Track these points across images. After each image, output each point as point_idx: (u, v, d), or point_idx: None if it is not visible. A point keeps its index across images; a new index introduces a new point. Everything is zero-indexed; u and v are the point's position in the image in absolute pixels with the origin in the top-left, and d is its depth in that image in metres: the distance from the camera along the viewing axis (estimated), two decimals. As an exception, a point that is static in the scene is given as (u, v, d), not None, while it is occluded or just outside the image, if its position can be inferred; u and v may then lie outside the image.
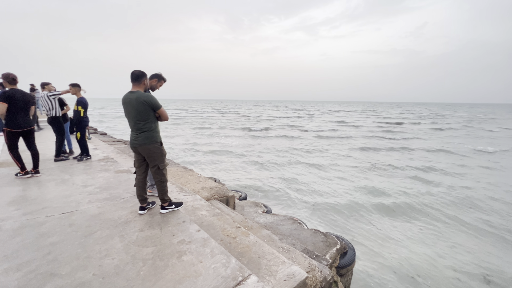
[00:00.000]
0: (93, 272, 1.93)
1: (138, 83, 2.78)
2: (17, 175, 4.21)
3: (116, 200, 3.32)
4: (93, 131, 11.60)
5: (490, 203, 8.29)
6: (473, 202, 8.35)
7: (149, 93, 2.86)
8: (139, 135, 2.77)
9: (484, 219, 7.15)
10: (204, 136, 22.73)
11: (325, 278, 2.53)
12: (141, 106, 2.70)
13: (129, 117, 2.80)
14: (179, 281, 1.85)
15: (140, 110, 2.70)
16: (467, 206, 8.07)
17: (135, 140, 2.82)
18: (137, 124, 2.75)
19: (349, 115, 54.61)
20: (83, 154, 5.48)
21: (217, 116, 48.35)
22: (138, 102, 2.69)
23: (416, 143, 20.40)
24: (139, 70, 2.79)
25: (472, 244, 5.99)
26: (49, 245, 2.27)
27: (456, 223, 6.92)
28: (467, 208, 7.94)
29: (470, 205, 8.16)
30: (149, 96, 2.75)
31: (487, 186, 9.98)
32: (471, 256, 5.48)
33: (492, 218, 7.22)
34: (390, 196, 8.78)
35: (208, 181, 4.65)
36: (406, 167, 12.67)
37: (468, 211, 7.71)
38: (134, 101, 2.69)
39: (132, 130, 2.84)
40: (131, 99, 2.71)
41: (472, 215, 7.46)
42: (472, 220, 7.12)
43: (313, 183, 10.13)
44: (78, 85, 5.23)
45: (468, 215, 7.41)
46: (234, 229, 2.81)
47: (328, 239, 3.61)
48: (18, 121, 3.98)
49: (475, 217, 7.28)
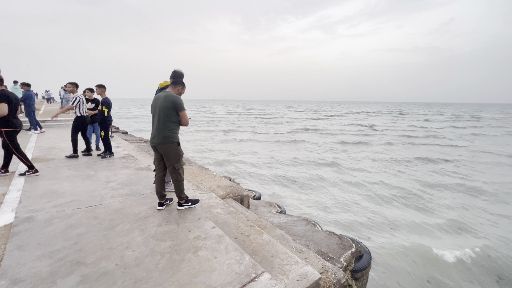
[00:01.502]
0: (116, 263, 2.05)
1: (174, 86, 2.99)
2: (26, 173, 4.24)
3: (137, 196, 3.48)
4: (115, 130, 12.18)
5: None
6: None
7: (179, 96, 2.98)
8: (159, 134, 2.90)
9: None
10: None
11: (339, 280, 2.50)
12: (168, 104, 2.85)
13: (154, 114, 2.97)
14: (194, 275, 1.92)
15: (164, 108, 2.85)
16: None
17: (154, 139, 2.95)
18: (159, 121, 2.89)
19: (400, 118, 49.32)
20: (106, 151, 5.78)
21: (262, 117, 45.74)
22: (166, 100, 2.85)
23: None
24: (178, 72, 3.05)
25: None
26: (76, 236, 2.44)
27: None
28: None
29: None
30: (177, 97, 2.91)
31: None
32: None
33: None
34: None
35: (223, 180, 4.73)
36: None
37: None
38: (163, 98, 2.87)
39: (153, 129, 2.98)
40: (161, 96, 2.91)
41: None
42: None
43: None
44: (104, 86, 5.54)
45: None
46: (248, 227, 2.85)
47: (343, 242, 3.55)
48: (17, 120, 4.11)
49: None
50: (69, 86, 5.51)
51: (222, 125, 31.42)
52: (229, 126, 29.97)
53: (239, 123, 34.26)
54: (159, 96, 2.94)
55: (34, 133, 8.69)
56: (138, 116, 43.03)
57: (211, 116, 45.55)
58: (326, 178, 10.72)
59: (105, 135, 5.66)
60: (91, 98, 6.25)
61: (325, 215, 7.41)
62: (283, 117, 46.34)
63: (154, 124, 2.97)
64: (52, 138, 7.95)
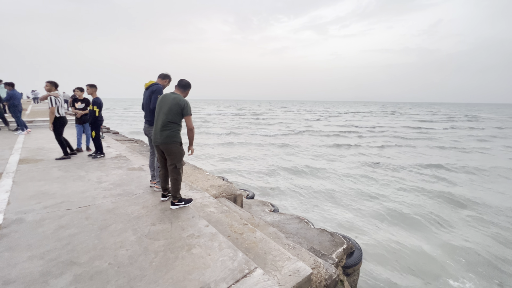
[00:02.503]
0: (109, 262, 2.05)
1: (183, 90, 3.11)
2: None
3: (129, 196, 3.47)
4: (106, 130, 11.98)
5: None
6: None
7: (187, 102, 3.04)
8: (162, 133, 2.96)
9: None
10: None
11: (331, 276, 2.57)
12: (175, 107, 2.93)
13: (159, 113, 3.02)
14: (188, 272, 1.95)
15: (172, 109, 2.93)
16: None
17: (157, 138, 3.02)
18: (164, 121, 2.95)
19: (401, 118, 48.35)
20: (97, 152, 5.71)
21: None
22: (175, 102, 2.94)
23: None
24: (187, 80, 3.13)
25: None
26: (68, 236, 2.42)
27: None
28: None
29: None
30: (186, 101, 2.99)
31: None
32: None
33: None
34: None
35: (216, 179, 4.75)
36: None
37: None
38: (172, 100, 2.95)
39: (156, 127, 3.02)
40: (170, 97, 2.99)
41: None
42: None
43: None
44: (95, 85, 5.46)
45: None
46: (241, 225, 2.89)
47: (335, 239, 3.63)
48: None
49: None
50: (47, 85, 5.33)
51: (214, 127, 30.49)
52: (220, 129, 27.85)
53: (230, 124, 33.59)
54: (167, 96, 3.01)
55: (21, 134, 8.48)
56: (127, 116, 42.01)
57: (202, 117, 44.82)
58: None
59: (96, 135, 5.59)
60: (81, 98, 6.15)
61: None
62: (276, 117, 45.80)
63: (158, 123, 3.02)
64: (40, 138, 7.77)
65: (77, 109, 6.16)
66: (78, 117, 6.20)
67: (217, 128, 28.00)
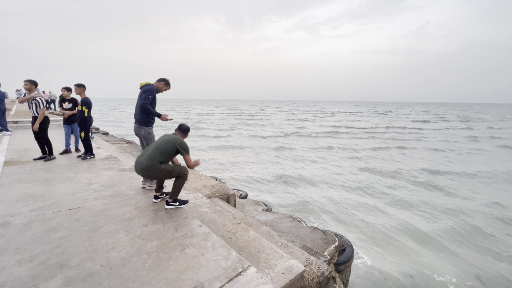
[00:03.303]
0: (101, 264, 2.03)
1: (183, 133, 3.29)
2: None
3: (121, 197, 3.43)
4: (96, 131, 11.74)
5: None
6: None
7: (185, 142, 3.16)
8: (146, 161, 2.99)
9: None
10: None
11: (323, 273, 2.62)
12: (171, 148, 3.03)
13: (156, 142, 3.12)
14: (182, 271, 1.95)
15: (165, 147, 3.02)
16: None
17: (137, 166, 3.04)
18: (154, 152, 3.00)
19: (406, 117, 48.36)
20: (87, 153, 5.60)
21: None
22: (171, 143, 3.04)
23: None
24: (187, 126, 3.32)
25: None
26: (58, 239, 2.38)
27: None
28: None
29: None
30: (184, 143, 3.12)
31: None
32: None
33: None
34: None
35: (209, 179, 4.75)
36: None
37: None
38: (170, 140, 3.06)
39: (143, 156, 3.06)
40: (169, 136, 3.13)
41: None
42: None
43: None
44: (83, 85, 5.35)
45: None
46: (235, 225, 2.91)
47: (327, 237, 3.70)
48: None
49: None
50: (26, 83, 5.14)
51: (205, 128, 29.29)
52: (211, 131, 26.42)
53: (222, 125, 32.71)
54: (169, 136, 3.13)
55: (6, 135, 8.21)
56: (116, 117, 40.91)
57: (193, 117, 43.92)
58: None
59: (86, 136, 5.48)
60: (69, 98, 6.01)
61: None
62: (270, 118, 45.11)
63: (147, 152, 3.06)
64: (26, 139, 7.55)
65: (64, 109, 6.01)
66: (66, 118, 6.06)
67: (209, 130, 27.23)
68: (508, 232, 6.72)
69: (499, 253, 5.83)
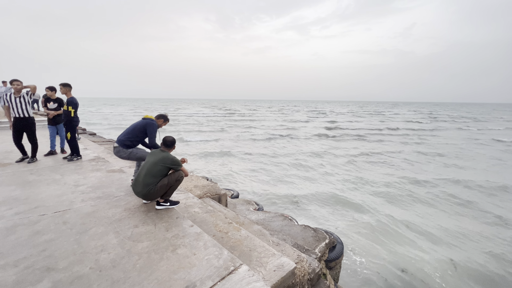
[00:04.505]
0: (90, 266, 2.00)
1: (169, 148, 3.22)
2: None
3: (110, 199, 3.36)
4: (82, 131, 11.43)
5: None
6: None
7: (175, 159, 3.15)
8: (143, 187, 2.98)
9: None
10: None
11: (314, 270, 2.67)
12: (162, 170, 3.01)
13: (145, 165, 3.08)
14: (174, 271, 1.95)
15: (156, 170, 2.99)
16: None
17: (138, 188, 3.03)
18: (145, 180, 2.97)
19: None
20: (73, 154, 5.44)
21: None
22: (160, 165, 3.00)
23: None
24: (172, 138, 3.24)
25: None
26: (44, 242, 2.32)
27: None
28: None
29: None
30: (174, 158, 3.10)
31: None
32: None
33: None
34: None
35: (200, 179, 4.73)
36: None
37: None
38: (158, 161, 3.01)
39: (139, 177, 3.04)
40: (156, 156, 3.08)
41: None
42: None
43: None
44: (69, 84, 5.21)
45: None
46: (226, 224, 2.92)
47: (317, 234, 3.76)
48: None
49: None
50: (18, 83, 4.91)
51: (193, 130, 27.82)
52: (199, 135, 24.56)
53: (212, 127, 31.37)
54: (158, 154, 3.10)
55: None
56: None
57: (182, 119, 42.36)
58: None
59: (72, 136, 5.33)
60: (53, 98, 5.81)
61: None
62: (264, 119, 43.58)
63: (141, 173, 3.04)
64: (8, 141, 7.25)
65: (49, 109, 5.82)
66: (50, 118, 5.87)
67: (195, 133, 25.42)
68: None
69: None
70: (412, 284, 4.83)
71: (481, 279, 5.05)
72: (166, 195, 3.12)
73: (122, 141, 3.67)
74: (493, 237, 6.47)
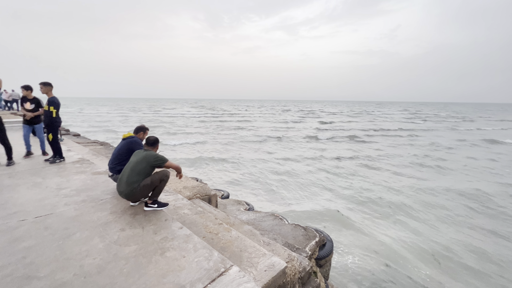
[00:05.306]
0: (74, 273, 1.92)
1: (152, 147, 3.20)
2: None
3: (95, 202, 3.25)
4: (65, 132, 11.01)
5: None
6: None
7: (158, 155, 3.09)
8: (127, 186, 2.91)
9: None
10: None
11: (304, 268, 2.69)
12: (146, 168, 2.95)
13: (129, 165, 3.02)
14: (162, 275, 1.90)
15: (140, 168, 2.93)
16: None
17: (122, 188, 2.96)
18: (129, 178, 2.91)
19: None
20: (56, 156, 5.23)
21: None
22: (144, 163, 2.95)
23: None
24: (154, 137, 3.23)
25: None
26: (24, 249, 2.21)
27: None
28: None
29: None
30: (157, 155, 3.04)
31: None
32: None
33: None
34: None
35: (189, 180, 4.66)
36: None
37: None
38: (142, 159, 2.96)
39: (122, 177, 2.97)
40: (140, 155, 3.03)
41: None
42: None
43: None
44: (50, 83, 4.99)
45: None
46: (217, 225, 2.88)
47: (308, 233, 3.79)
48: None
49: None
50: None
51: (179, 133, 26.16)
52: (185, 137, 23.35)
53: (200, 129, 29.67)
54: (142, 152, 3.05)
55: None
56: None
57: (171, 121, 40.22)
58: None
59: (54, 138, 5.11)
60: (30, 97, 5.50)
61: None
62: (257, 120, 42.10)
63: (124, 174, 2.97)
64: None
65: (27, 110, 5.49)
66: (27, 119, 5.54)
67: (183, 135, 24.33)
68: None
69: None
70: (396, 276, 4.98)
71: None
72: (153, 196, 3.06)
73: (113, 169, 3.61)
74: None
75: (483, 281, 4.99)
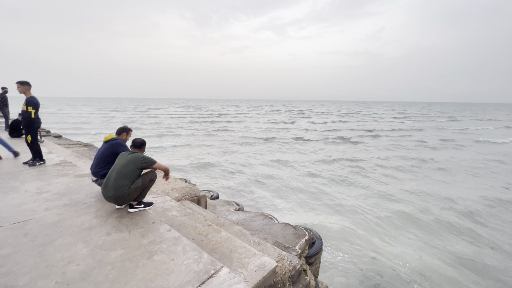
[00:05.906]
0: (56, 280, 1.83)
1: (139, 148, 3.13)
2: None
3: (78, 206, 3.13)
4: (46, 133, 10.54)
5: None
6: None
7: (145, 156, 3.01)
8: (115, 190, 2.81)
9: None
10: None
11: (295, 267, 2.70)
12: (133, 170, 2.86)
13: (115, 168, 2.91)
14: (150, 279, 1.85)
15: (127, 171, 2.84)
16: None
17: (109, 192, 2.85)
18: (116, 182, 2.81)
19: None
20: (35, 158, 4.99)
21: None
22: (131, 166, 2.87)
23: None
24: (141, 139, 3.16)
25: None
26: (1, 258, 2.08)
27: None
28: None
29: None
30: (145, 156, 2.97)
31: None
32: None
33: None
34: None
35: (178, 182, 4.58)
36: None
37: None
38: (129, 162, 2.88)
39: (109, 181, 2.87)
40: (126, 157, 2.94)
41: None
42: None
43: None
44: (28, 82, 4.75)
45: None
46: (206, 227, 2.85)
47: (297, 231, 3.82)
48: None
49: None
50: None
51: (167, 135, 24.83)
52: (172, 139, 22.26)
53: (187, 130, 27.98)
54: (128, 155, 2.98)
55: None
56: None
57: (158, 121, 38.90)
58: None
59: (33, 139, 4.88)
60: None
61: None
62: (246, 120, 41.72)
63: (110, 178, 2.87)
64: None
65: None
66: None
67: (170, 137, 23.29)
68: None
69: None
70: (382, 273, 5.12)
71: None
72: (139, 197, 2.99)
73: (97, 173, 3.46)
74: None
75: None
